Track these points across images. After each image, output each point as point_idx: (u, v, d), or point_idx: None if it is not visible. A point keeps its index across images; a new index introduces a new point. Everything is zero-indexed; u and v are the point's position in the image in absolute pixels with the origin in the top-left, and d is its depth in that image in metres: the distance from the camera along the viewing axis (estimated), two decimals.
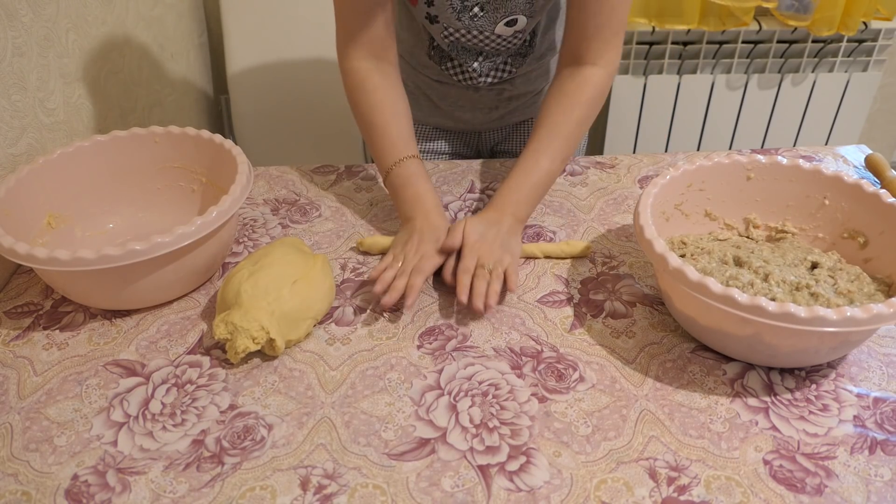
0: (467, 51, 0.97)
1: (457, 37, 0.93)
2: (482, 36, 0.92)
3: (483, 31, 0.92)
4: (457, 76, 1.02)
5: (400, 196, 0.88)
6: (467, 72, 1.00)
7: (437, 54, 1.00)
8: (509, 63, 1.00)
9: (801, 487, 0.60)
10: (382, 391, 0.69)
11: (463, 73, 1.01)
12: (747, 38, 1.77)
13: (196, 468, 0.62)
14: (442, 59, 1.00)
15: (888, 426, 0.65)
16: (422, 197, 0.86)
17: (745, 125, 1.90)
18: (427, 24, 0.94)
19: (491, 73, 1.01)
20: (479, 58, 0.98)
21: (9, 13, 0.87)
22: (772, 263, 0.74)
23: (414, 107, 1.12)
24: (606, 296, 0.81)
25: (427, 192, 0.87)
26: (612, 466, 0.62)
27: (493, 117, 1.11)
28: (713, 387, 0.69)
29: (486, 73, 1.00)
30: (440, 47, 0.99)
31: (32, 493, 0.61)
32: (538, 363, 0.72)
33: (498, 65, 1.00)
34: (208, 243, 0.77)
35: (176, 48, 1.50)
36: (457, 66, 1.00)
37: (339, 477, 0.61)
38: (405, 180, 0.87)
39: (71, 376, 0.72)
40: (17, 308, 0.81)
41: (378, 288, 0.77)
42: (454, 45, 0.95)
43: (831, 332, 0.61)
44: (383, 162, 0.89)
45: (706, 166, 0.81)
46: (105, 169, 0.88)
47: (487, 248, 0.80)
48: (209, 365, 0.73)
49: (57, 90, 0.98)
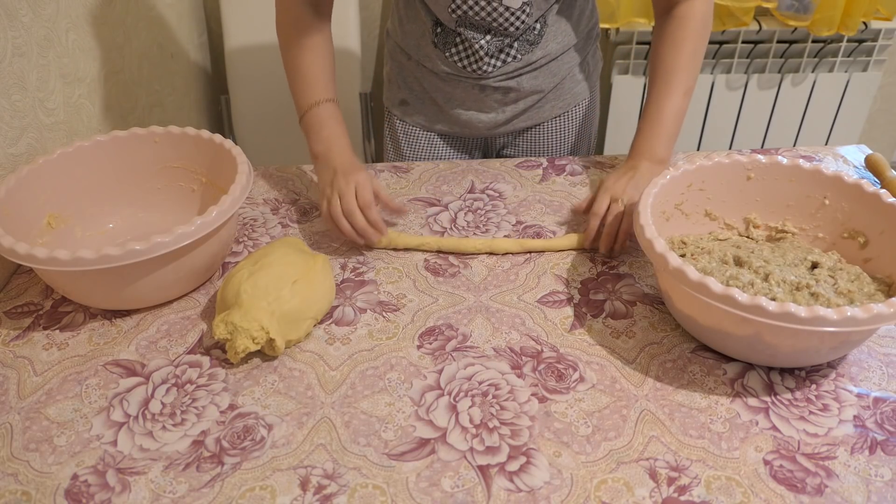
0: (474, 26, 0.96)
1: (464, 9, 0.93)
2: (490, 7, 0.92)
3: (491, 2, 0.92)
4: (462, 61, 1.01)
5: (315, 135, 0.93)
6: (474, 52, 0.99)
7: (442, 39, 0.99)
8: (516, 48, 0.99)
9: (801, 487, 0.60)
10: (382, 391, 0.69)
11: (469, 55, 1.00)
12: (747, 38, 1.77)
13: (196, 468, 0.62)
14: (447, 43, 0.99)
15: (888, 426, 0.65)
16: (337, 137, 0.92)
17: (745, 125, 1.90)
18: (433, 1, 0.95)
19: (497, 55, 1.00)
20: (487, 36, 0.97)
21: (9, 13, 0.87)
22: (772, 263, 0.74)
23: (419, 112, 1.12)
24: (606, 296, 0.81)
25: (341, 135, 0.93)
26: (612, 467, 0.62)
27: (500, 121, 1.09)
28: (713, 387, 0.69)
29: (493, 53, 0.99)
30: (445, 31, 0.98)
31: (32, 493, 0.61)
32: (538, 363, 0.72)
33: (505, 47, 0.99)
34: (208, 243, 0.77)
35: (176, 48, 1.50)
36: (462, 50, 0.99)
37: (338, 477, 0.61)
38: (321, 120, 0.92)
39: (71, 376, 0.72)
40: (17, 308, 0.81)
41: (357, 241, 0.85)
42: (461, 19, 0.95)
43: (831, 332, 0.61)
44: (302, 102, 0.94)
45: (706, 166, 0.81)
46: (105, 169, 0.88)
47: (622, 187, 0.86)
48: (209, 365, 0.73)
49: (57, 90, 0.98)
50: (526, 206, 0.96)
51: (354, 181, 0.86)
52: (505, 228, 0.92)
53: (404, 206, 0.94)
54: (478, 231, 0.92)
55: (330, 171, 0.89)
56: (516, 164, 1.06)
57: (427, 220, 0.94)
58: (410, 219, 0.94)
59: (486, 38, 0.97)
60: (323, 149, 0.91)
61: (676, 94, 0.89)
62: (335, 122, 0.93)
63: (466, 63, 1.01)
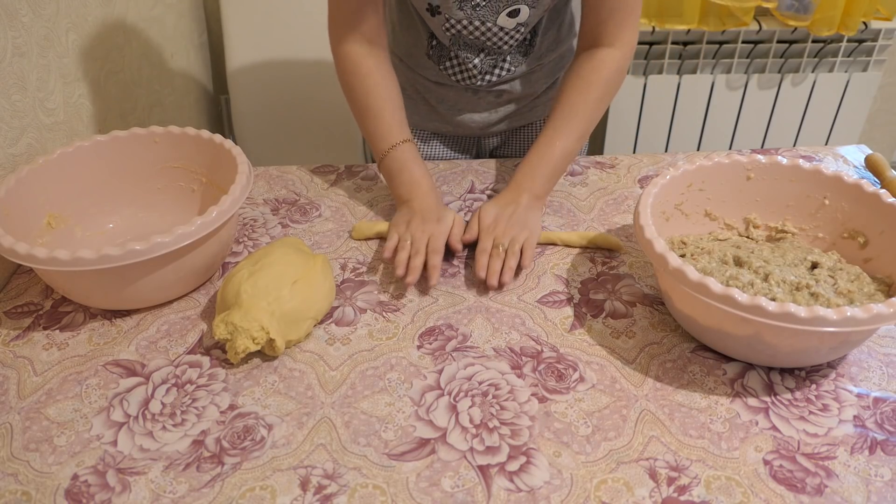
0: (468, 46, 0.97)
1: (458, 28, 0.93)
2: (484, 28, 0.92)
3: (485, 23, 0.92)
4: (456, 75, 1.01)
5: (396, 179, 0.90)
6: (467, 70, 1.00)
7: (437, 53, 1.00)
8: (509, 61, 1.00)
9: (801, 487, 0.60)
10: (382, 391, 0.69)
11: (462, 71, 1.00)
12: (747, 38, 1.77)
13: (196, 468, 0.62)
14: (441, 57, 1.00)
15: (888, 426, 0.65)
16: (418, 180, 0.89)
17: (745, 125, 1.90)
18: (428, 17, 0.94)
19: (491, 71, 1.01)
20: (481, 54, 0.97)
21: (9, 13, 0.87)
22: (772, 263, 0.74)
23: (412, 111, 1.12)
24: (606, 296, 0.81)
25: (424, 177, 0.90)
26: (612, 466, 0.62)
27: (493, 121, 1.10)
28: (713, 387, 0.69)
29: (487, 70, 1.00)
30: (440, 45, 0.99)
31: (32, 493, 0.61)
32: (538, 363, 0.72)
33: (498, 62, 0.99)
34: (208, 243, 0.77)
35: (176, 48, 1.50)
36: (456, 65, 1.00)
37: (338, 477, 0.61)
38: (402, 164, 0.90)
39: (71, 376, 0.72)
40: (17, 308, 0.81)
41: (399, 271, 0.80)
42: (455, 38, 0.95)
43: (831, 332, 0.61)
44: (379, 146, 0.92)
45: (706, 166, 0.81)
46: (105, 169, 0.88)
47: (502, 229, 0.84)
48: (209, 365, 0.73)
49: (57, 90, 0.98)
50: None
51: (430, 231, 0.84)
52: None
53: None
54: None
55: (409, 213, 0.87)
56: (516, 164, 1.06)
57: None
58: None
59: (480, 58, 0.98)
60: (405, 192, 0.90)
61: (572, 136, 0.89)
62: (413, 162, 0.91)
63: (460, 77, 1.02)
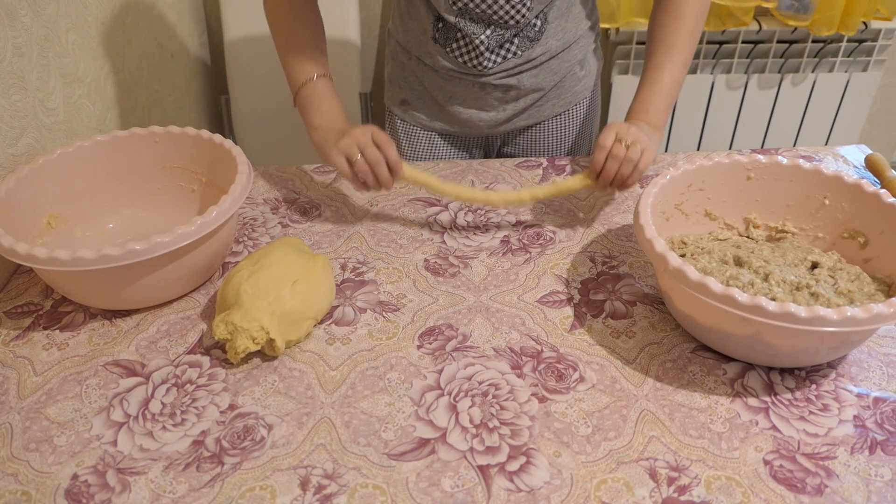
0: (475, 21, 0.96)
1: (465, 1, 0.93)
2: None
3: None
4: (462, 56, 1.01)
5: (317, 108, 0.92)
6: (475, 48, 0.99)
7: (443, 35, 1.00)
8: (516, 44, 0.99)
9: (801, 487, 0.60)
10: (382, 391, 0.69)
11: (470, 51, 1.00)
12: (747, 38, 1.77)
13: (196, 468, 0.62)
14: (448, 39, 1.00)
15: (888, 426, 0.65)
16: (339, 110, 0.92)
17: (745, 125, 1.90)
18: None
19: (497, 51, 1.00)
20: (487, 30, 0.97)
21: (9, 13, 0.87)
22: (772, 263, 0.74)
23: (419, 110, 1.12)
24: (606, 296, 0.81)
25: (342, 109, 0.93)
26: (612, 466, 0.62)
27: (500, 120, 1.09)
28: (713, 387, 0.69)
29: (493, 48, 0.99)
30: (446, 26, 0.99)
31: (32, 493, 0.61)
32: (538, 363, 0.72)
33: (505, 42, 0.99)
34: (208, 243, 0.77)
35: (176, 48, 1.50)
36: (463, 46, 0.99)
37: (338, 477, 0.61)
38: (322, 95, 0.92)
39: (71, 376, 0.72)
40: (17, 308, 0.81)
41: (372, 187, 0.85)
42: (462, 12, 0.95)
43: (831, 332, 0.61)
44: (299, 76, 0.93)
45: (706, 166, 0.81)
46: (105, 169, 0.88)
47: (626, 128, 0.84)
48: (209, 365, 0.73)
49: (57, 90, 0.98)
50: (526, 206, 0.96)
51: (368, 134, 0.85)
52: (505, 228, 0.92)
53: None
54: (478, 231, 0.92)
55: (336, 133, 0.88)
56: (516, 164, 1.06)
57: (427, 220, 0.94)
58: (411, 219, 0.94)
59: (486, 33, 0.97)
60: (325, 120, 0.91)
61: (676, 64, 0.90)
62: (333, 96, 0.93)
63: (467, 58, 1.01)
